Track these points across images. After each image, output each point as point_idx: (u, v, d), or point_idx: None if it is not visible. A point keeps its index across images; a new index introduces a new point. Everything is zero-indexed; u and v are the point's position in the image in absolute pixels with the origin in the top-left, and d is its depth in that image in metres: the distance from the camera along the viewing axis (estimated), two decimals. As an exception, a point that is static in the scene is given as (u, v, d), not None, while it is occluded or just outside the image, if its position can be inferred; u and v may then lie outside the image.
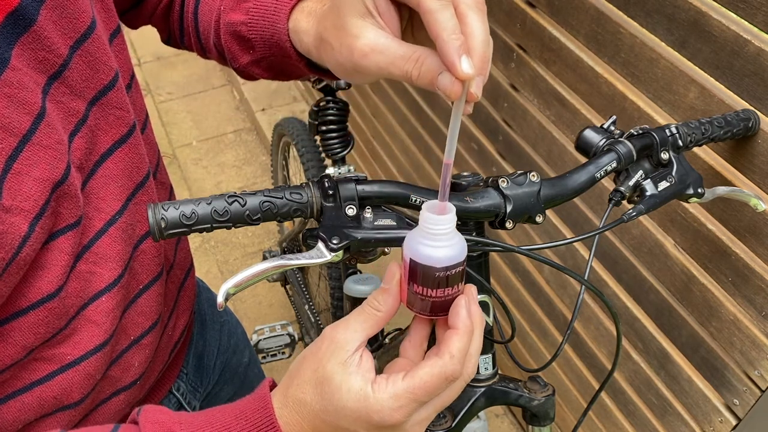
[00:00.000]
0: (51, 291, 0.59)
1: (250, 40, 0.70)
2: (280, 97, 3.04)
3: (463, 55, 0.44)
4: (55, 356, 0.64)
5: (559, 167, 1.36)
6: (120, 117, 0.65)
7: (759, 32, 0.88)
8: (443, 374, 0.50)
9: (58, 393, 0.65)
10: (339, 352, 0.51)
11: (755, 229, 0.96)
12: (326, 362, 0.51)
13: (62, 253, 0.59)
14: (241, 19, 0.70)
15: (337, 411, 0.50)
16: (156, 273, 0.73)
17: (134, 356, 0.73)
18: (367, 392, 0.49)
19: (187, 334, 0.89)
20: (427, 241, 0.50)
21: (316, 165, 1.76)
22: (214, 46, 0.76)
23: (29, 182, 0.54)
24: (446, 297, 0.52)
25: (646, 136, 0.76)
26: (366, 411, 0.49)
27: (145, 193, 0.70)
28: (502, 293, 1.76)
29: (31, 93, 0.54)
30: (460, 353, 0.50)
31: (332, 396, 0.50)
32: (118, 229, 0.66)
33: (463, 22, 0.45)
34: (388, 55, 0.50)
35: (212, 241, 2.52)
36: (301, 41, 0.64)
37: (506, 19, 1.38)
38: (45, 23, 0.55)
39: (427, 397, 0.50)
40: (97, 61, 0.61)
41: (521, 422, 1.82)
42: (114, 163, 0.65)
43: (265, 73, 0.74)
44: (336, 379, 0.50)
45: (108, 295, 0.66)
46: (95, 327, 0.65)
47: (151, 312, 0.73)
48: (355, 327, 0.52)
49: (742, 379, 1.07)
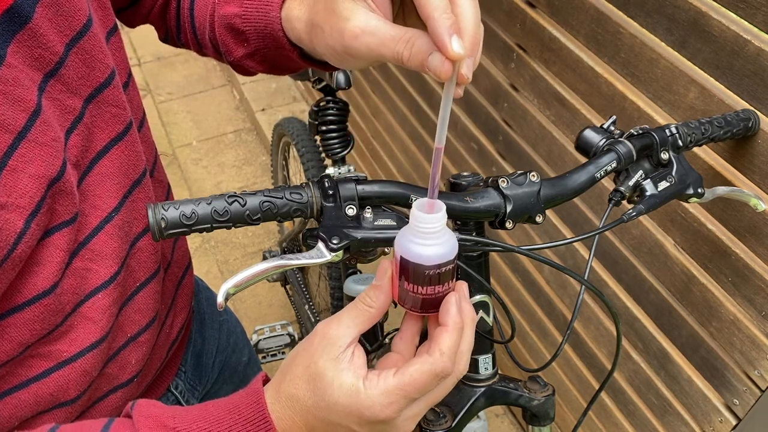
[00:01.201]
0: (46, 287, 0.60)
1: (244, 32, 0.71)
2: (280, 97, 3.04)
3: (453, 35, 0.43)
4: (52, 353, 0.64)
5: (559, 167, 1.36)
6: (116, 115, 0.66)
7: (759, 32, 0.88)
8: (433, 371, 0.50)
9: (54, 390, 0.65)
10: (331, 348, 0.51)
11: (755, 229, 0.96)
12: (318, 358, 0.51)
13: (58, 249, 0.60)
14: (236, 11, 0.71)
15: (329, 406, 0.51)
16: (153, 270, 0.74)
17: (131, 353, 0.73)
18: (358, 388, 0.50)
19: (185, 332, 0.89)
20: (418, 239, 0.50)
21: (316, 165, 1.76)
22: (209, 41, 0.77)
23: (25, 179, 0.54)
24: (437, 294, 0.52)
25: (646, 136, 0.76)
26: (357, 407, 0.50)
27: (142, 191, 0.70)
28: (502, 293, 1.76)
29: (27, 90, 0.54)
30: (450, 350, 0.51)
31: (324, 391, 0.51)
32: (114, 227, 0.66)
33: (454, 3, 0.45)
34: (378, 36, 0.50)
35: (212, 241, 2.52)
36: (294, 28, 0.65)
37: (506, 19, 1.38)
38: (40, 21, 0.55)
39: (418, 393, 0.51)
40: (93, 59, 0.62)
41: (521, 422, 1.82)
42: (110, 161, 0.66)
43: (258, 66, 0.75)
44: (328, 374, 0.51)
45: (104, 292, 0.66)
46: (92, 324, 0.66)
47: (148, 309, 0.74)
48: (347, 323, 0.52)
49: (742, 379, 1.07)
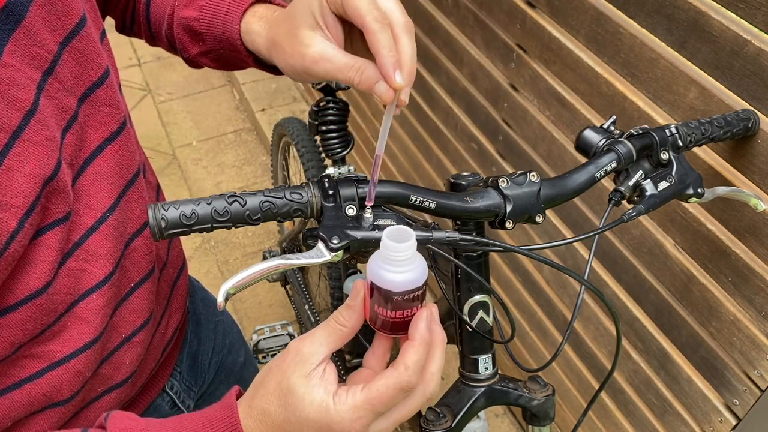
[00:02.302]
0: (39, 287, 0.60)
1: (202, 34, 0.75)
2: (280, 97, 3.04)
3: (396, 70, 0.54)
4: (45, 353, 0.64)
5: (559, 167, 1.36)
6: (110, 114, 0.66)
7: (759, 32, 0.88)
8: (398, 385, 0.52)
9: (47, 390, 0.65)
10: (303, 365, 0.53)
11: (755, 229, 0.96)
12: (290, 374, 0.53)
13: (49, 249, 0.60)
14: (194, 15, 0.75)
15: (300, 422, 0.52)
16: (147, 271, 0.74)
17: (125, 354, 0.73)
18: (328, 404, 0.52)
19: (180, 333, 0.89)
20: (388, 266, 0.51)
21: (316, 165, 1.75)
22: (165, 37, 0.81)
23: (19, 178, 0.55)
24: (405, 318, 0.54)
25: (646, 136, 0.76)
26: (327, 422, 0.52)
27: (136, 191, 0.71)
28: (502, 293, 1.76)
29: (23, 90, 0.55)
30: (416, 365, 0.52)
31: (295, 407, 0.52)
32: (108, 227, 0.66)
33: (397, 42, 0.55)
34: (334, 63, 0.59)
35: (212, 241, 2.52)
36: (253, 41, 0.71)
37: (506, 19, 1.38)
38: (34, 19, 0.56)
39: (384, 407, 0.52)
40: (86, 58, 0.62)
41: (521, 422, 1.82)
42: (104, 161, 0.66)
43: (212, 63, 0.79)
44: (299, 391, 0.52)
45: (98, 293, 0.66)
46: (85, 324, 0.66)
47: (143, 310, 0.74)
48: (320, 341, 0.54)
49: (742, 379, 1.07)
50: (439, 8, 1.64)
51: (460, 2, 1.53)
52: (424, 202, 0.64)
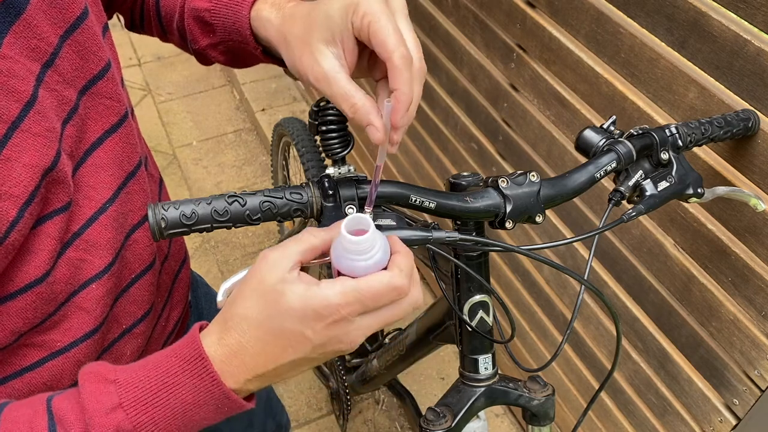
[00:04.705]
0: (38, 276, 0.60)
1: (212, 24, 0.74)
2: (280, 97, 3.04)
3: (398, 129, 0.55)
4: (45, 342, 0.65)
5: (559, 167, 1.36)
6: (110, 107, 0.67)
7: (759, 32, 0.88)
8: (391, 284, 0.51)
9: (48, 379, 0.66)
10: (276, 270, 0.52)
11: (755, 229, 0.96)
12: (266, 277, 0.52)
13: (49, 238, 0.60)
14: (206, 6, 0.74)
15: (281, 314, 0.51)
16: (148, 262, 0.74)
17: (126, 345, 0.74)
18: (313, 290, 0.50)
19: (181, 326, 0.90)
20: (350, 255, 0.51)
21: (316, 165, 1.76)
22: (176, 29, 0.80)
23: (18, 168, 0.55)
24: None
25: (646, 136, 0.76)
26: (312, 307, 0.50)
27: (137, 183, 0.71)
28: (502, 293, 1.76)
29: (22, 81, 0.55)
30: (408, 269, 0.52)
31: (277, 301, 0.51)
32: (108, 218, 0.67)
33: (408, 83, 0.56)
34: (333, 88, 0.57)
35: (212, 241, 2.52)
36: (264, 28, 0.69)
37: (506, 19, 1.38)
38: (35, 12, 0.56)
39: (373, 303, 0.51)
40: (87, 50, 0.63)
41: (521, 422, 1.82)
42: (104, 152, 0.66)
43: (221, 56, 0.78)
44: (278, 287, 0.51)
45: (98, 283, 0.67)
46: (85, 314, 0.66)
47: (144, 301, 0.74)
48: (290, 249, 0.53)
49: (742, 378, 1.07)
50: (439, 8, 1.64)
51: (460, 2, 1.53)
52: (424, 202, 0.64)
